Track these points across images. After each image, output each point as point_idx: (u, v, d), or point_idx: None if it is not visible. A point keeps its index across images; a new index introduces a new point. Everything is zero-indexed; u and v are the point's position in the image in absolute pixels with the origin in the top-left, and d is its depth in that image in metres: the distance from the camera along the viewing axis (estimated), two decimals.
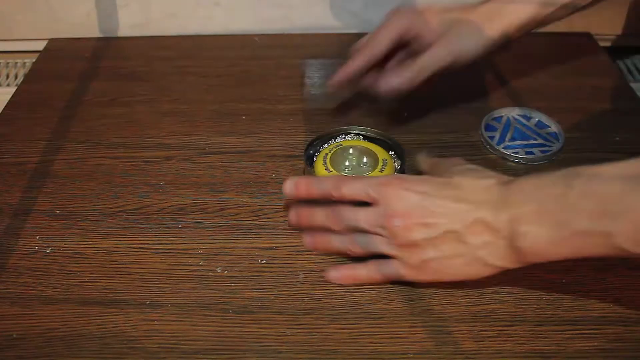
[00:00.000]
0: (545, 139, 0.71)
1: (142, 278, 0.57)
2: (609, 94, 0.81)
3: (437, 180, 0.51)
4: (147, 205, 0.65)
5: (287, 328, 0.53)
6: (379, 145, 0.65)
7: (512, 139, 0.71)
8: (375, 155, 0.63)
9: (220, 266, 0.58)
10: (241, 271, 0.58)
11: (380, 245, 0.52)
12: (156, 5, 0.93)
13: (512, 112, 0.75)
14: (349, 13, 0.94)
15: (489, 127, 0.73)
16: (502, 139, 0.71)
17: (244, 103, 0.79)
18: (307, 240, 0.56)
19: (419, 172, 0.67)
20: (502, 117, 0.75)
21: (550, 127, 0.73)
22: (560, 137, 0.71)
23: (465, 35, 0.64)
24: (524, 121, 0.74)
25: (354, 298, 0.55)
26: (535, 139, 0.71)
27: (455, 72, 0.66)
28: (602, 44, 0.91)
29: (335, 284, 0.56)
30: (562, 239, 0.44)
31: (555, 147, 0.70)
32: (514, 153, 0.69)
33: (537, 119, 0.74)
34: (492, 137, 0.71)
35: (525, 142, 0.71)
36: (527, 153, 0.70)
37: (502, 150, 0.69)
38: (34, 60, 0.90)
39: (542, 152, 0.70)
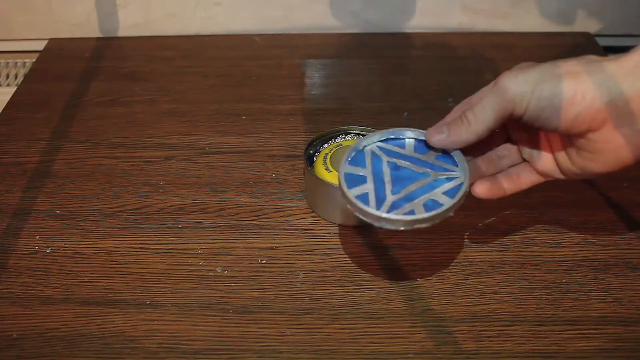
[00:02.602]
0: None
1: (142, 278, 0.57)
2: None
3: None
4: (147, 205, 0.65)
5: (287, 328, 0.53)
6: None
7: None
8: None
9: (220, 266, 0.58)
10: (241, 271, 0.58)
11: None
12: (156, 5, 0.93)
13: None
14: (349, 13, 0.94)
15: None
16: None
17: (244, 103, 0.79)
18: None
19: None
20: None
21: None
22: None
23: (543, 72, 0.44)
24: None
25: (354, 298, 0.55)
26: None
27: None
28: (602, 44, 0.91)
29: (336, 283, 0.56)
30: None
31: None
32: None
33: None
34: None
35: None
36: None
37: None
38: (34, 60, 0.90)
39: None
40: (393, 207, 0.45)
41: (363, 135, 0.67)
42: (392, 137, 0.50)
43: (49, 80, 0.84)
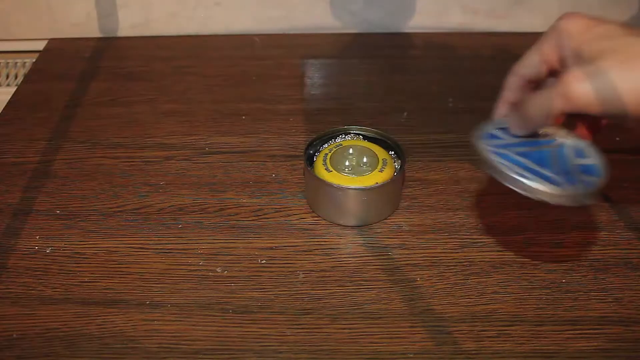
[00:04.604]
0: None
1: (142, 278, 0.57)
2: None
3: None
4: (147, 205, 0.65)
5: (287, 328, 0.53)
6: (379, 145, 0.65)
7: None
8: (375, 155, 0.63)
9: (220, 266, 0.58)
10: (241, 271, 0.58)
11: None
12: (156, 5, 0.93)
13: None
14: (349, 13, 0.94)
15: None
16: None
17: (244, 103, 0.79)
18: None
19: (417, 172, 0.68)
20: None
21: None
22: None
23: (611, 72, 0.41)
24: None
25: (354, 298, 0.55)
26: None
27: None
28: None
29: (336, 284, 0.56)
30: None
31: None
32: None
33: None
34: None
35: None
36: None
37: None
38: (34, 60, 0.90)
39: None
40: (573, 182, 0.45)
41: (363, 136, 0.67)
42: (485, 134, 0.49)
43: (49, 80, 0.84)
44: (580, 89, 0.41)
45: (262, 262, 0.59)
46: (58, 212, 0.64)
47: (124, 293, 0.56)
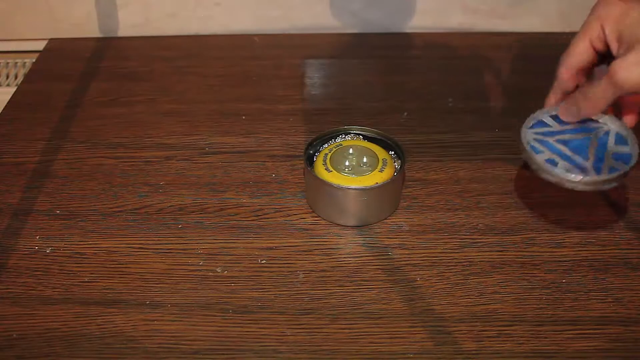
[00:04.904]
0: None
1: (142, 278, 0.57)
2: None
3: None
4: (147, 205, 0.65)
5: (287, 328, 0.53)
6: (379, 145, 0.65)
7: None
8: (375, 155, 0.63)
9: (220, 266, 0.58)
10: (241, 271, 0.58)
11: None
12: (156, 5, 0.93)
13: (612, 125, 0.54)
14: (349, 13, 0.94)
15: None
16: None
17: (243, 103, 0.79)
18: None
19: (417, 172, 0.68)
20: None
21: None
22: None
23: None
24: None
25: (354, 298, 0.55)
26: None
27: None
28: None
29: (336, 284, 0.56)
30: None
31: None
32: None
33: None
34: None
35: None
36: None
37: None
38: (34, 60, 0.90)
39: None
40: (600, 170, 0.49)
41: (363, 136, 0.67)
42: (535, 122, 0.53)
43: (49, 80, 0.84)
44: (628, 75, 0.45)
45: (262, 262, 0.59)
46: (58, 212, 0.64)
47: (124, 293, 0.56)
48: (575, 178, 0.49)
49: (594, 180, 0.48)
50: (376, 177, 0.61)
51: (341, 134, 0.67)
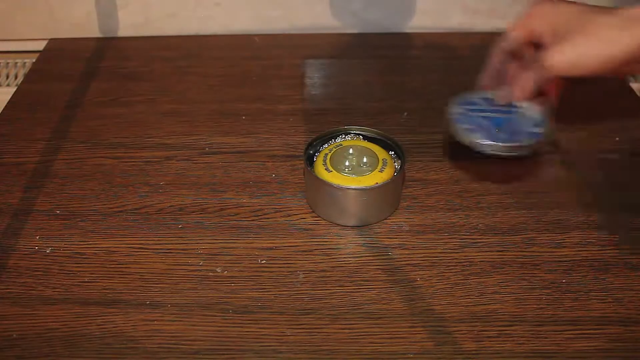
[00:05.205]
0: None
1: (142, 278, 0.57)
2: (609, 94, 0.81)
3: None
4: (147, 205, 0.65)
5: (287, 328, 0.53)
6: (379, 145, 0.65)
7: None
8: (375, 155, 0.63)
9: (220, 266, 0.58)
10: (241, 271, 0.58)
11: None
12: (156, 5, 0.93)
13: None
14: (349, 13, 0.94)
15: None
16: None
17: (244, 103, 0.79)
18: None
19: (417, 172, 0.68)
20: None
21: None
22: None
23: (580, 45, 0.53)
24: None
25: (354, 298, 0.55)
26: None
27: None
28: None
29: (336, 284, 0.56)
30: None
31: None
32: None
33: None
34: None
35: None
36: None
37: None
38: (34, 60, 0.90)
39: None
40: (508, 140, 0.57)
41: (363, 136, 0.67)
42: (465, 101, 0.61)
43: (49, 80, 0.84)
44: (560, 59, 0.53)
45: (262, 262, 0.59)
46: (58, 212, 0.64)
47: (124, 293, 0.56)
48: (484, 142, 0.57)
49: (500, 146, 0.56)
50: (376, 177, 0.61)
51: (341, 134, 0.67)
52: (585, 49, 0.52)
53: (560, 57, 0.53)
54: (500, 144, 0.56)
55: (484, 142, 0.56)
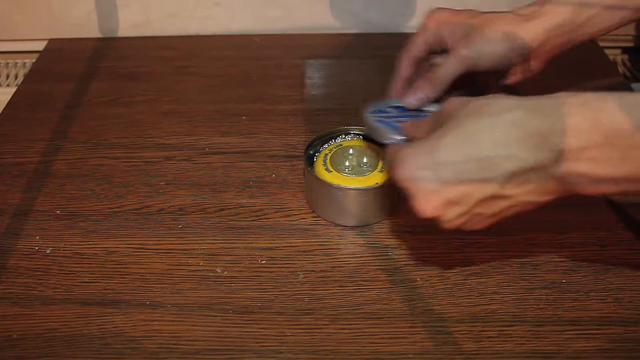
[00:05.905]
0: None
1: (142, 278, 0.57)
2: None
3: (449, 133, 0.45)
4: (147, 205, 0.65)
5: (287, 328, 0.53)
6: (379, 145, 0.65)
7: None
8: (375, 155, 0.63)
9: (220, 266, 0.58)
10: (241, 271, 0.58)
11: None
12: (156, 5, 0.93)
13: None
14: (349, 13, 0.94)
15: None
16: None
17: (244, 103, 0.79)
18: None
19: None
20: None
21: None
22: None
23: (480, 41, 0.58)
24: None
25: (354, 298, 0.55)
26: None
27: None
28: (602, 44, 0.91)
29: (336, 284, 0.56)
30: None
31: None
32: None
33: None
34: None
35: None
36: None
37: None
38: (34, 60, 0.90)
39: None
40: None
41: (363, 136, 0.67)
42: (376, 110, 0.59)
43: (49, 80, 0.84)
44: (468, 52, 0.57)
45: (262, 262, 0.59)
46: (58, 212, 0.64)
47: (124, 293, 0.56)
48: (394, 137, 0.56)
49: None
50: (376, 177, 0.61)
51: (341, 134, 0.67)
52: (488, 42, 0.57)
53: (467, 51, 0.58)
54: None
55: (394, 137, 0.55)
